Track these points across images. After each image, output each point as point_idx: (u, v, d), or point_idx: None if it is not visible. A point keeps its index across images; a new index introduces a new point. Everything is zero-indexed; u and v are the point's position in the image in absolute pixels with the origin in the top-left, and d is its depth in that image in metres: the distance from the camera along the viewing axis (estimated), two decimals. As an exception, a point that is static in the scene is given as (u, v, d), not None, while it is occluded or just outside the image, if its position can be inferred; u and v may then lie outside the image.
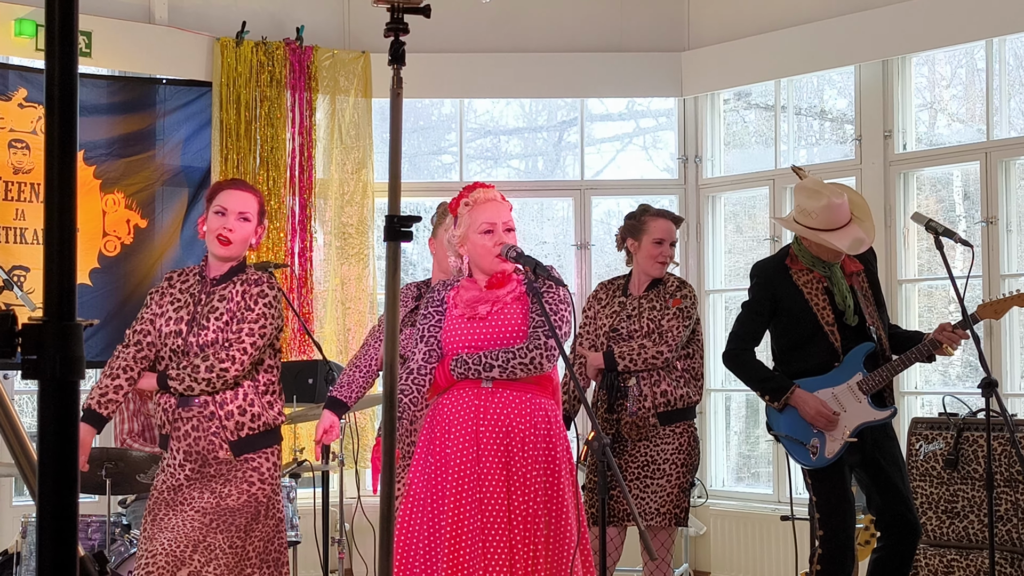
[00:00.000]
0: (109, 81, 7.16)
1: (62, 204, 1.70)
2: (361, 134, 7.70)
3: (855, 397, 4.91)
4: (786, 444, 5.03)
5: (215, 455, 4.11)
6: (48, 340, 1.66)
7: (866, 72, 7.13)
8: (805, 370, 4.96)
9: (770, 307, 5.01)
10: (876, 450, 4.96)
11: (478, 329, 4.05)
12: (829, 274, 4.98)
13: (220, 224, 4.19)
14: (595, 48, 7.91)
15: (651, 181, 8.23)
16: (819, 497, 4.93)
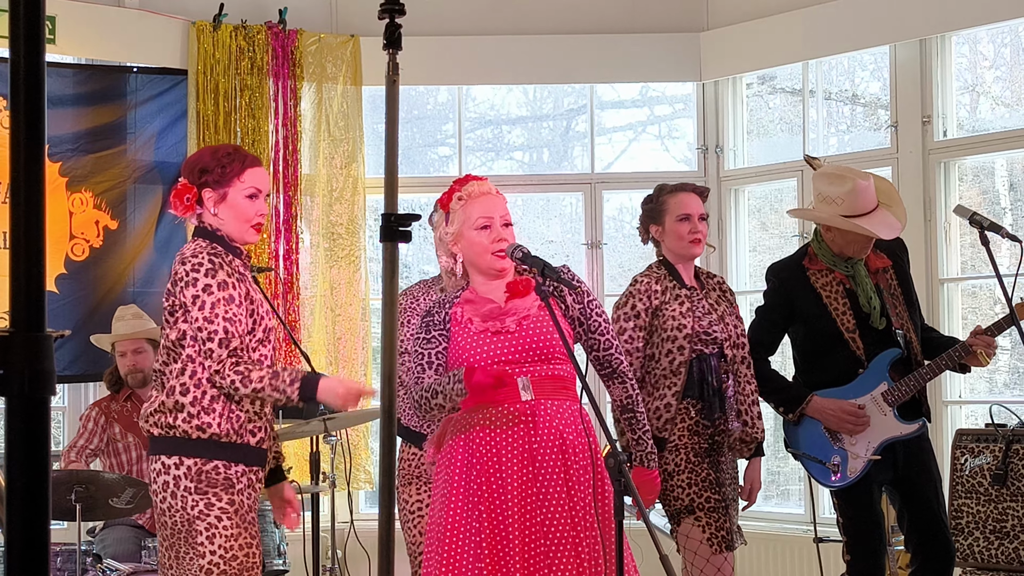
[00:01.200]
0: (75, 70, 7.16)
1: (29, 205, 1.70)
2: (351, 125, 7.70)
3: (879, 410, 4.90)
4: (805, 463, 5.02)
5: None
6: (15, 353, 1.66)
7: (902, 52, 7.13)
8: (827, 381, 4.95)
9: (785, 313, 5.00)
10: (909, 465, 4.96)
11: (510, 345, 3.96)
12: (852, 273, 4.95)
13: (256, 210, 4.03)
14: (605, 29, 7.91)
15: (668, 173, 8.22)
16: (845, 518, 4.94)
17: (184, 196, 4.03)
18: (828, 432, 4.94)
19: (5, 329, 1.69)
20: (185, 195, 4.03)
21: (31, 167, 1.70)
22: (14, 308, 1.68)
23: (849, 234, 4.89)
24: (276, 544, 5.70)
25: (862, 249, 4.94)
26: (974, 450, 5.88)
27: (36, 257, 1.69)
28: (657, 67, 7.97)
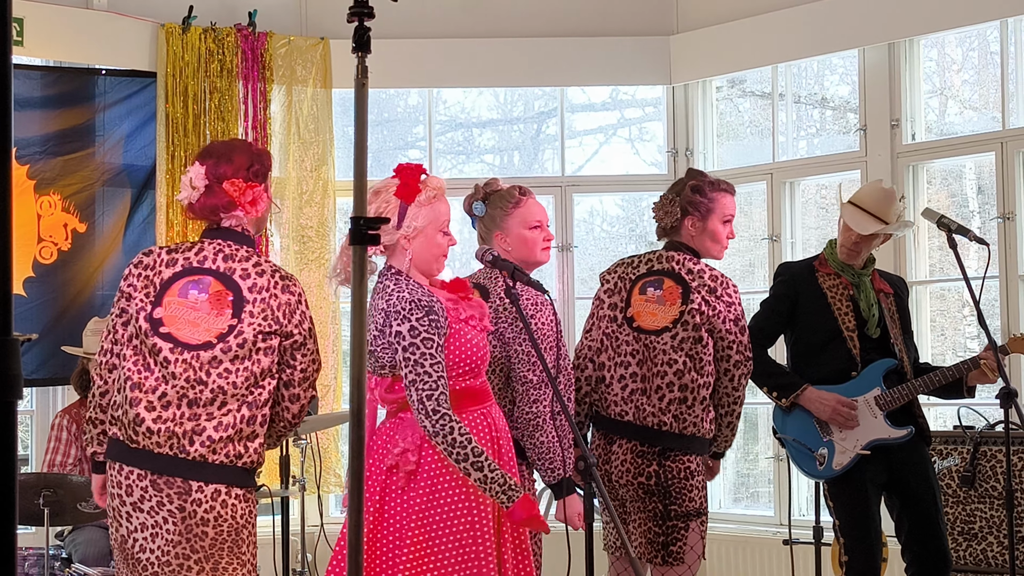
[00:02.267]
0: (43, 72, 7.12)
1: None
2: (320, 128, 7.69)
3: (870, 412, 5.01)
4: (792, 450, 5.09)
5: None
6: (-19, 358, 1.66)
7: (871, 56, 7.17)
8: (820, 378, 5.05)
9: (789, 306, 5.12)
10: (905, 471, 5.03)
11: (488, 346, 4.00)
12: (857, 282, 5.10)
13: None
14: (575, 32, 7.92)
15: (638, 176, 8.25)
16: (841, 520, 5.00)
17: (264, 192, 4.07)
18: (818, 424, 5.03)
19: None
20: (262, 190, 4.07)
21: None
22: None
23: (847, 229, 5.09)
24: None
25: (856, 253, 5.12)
26: (942, 452, 5.92)
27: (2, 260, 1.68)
28: (627, 70, 7.99)
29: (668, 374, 4.62)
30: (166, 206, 7.20)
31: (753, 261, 7.85)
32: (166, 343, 3.82)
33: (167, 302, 3.86)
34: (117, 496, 3.84)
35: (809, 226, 7.70)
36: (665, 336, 4.66)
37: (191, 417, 3.79)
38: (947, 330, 7.33)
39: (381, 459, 3.78)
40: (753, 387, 5.87)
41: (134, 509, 3.80)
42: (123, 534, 3.83)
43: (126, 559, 3.84)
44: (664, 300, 4.72)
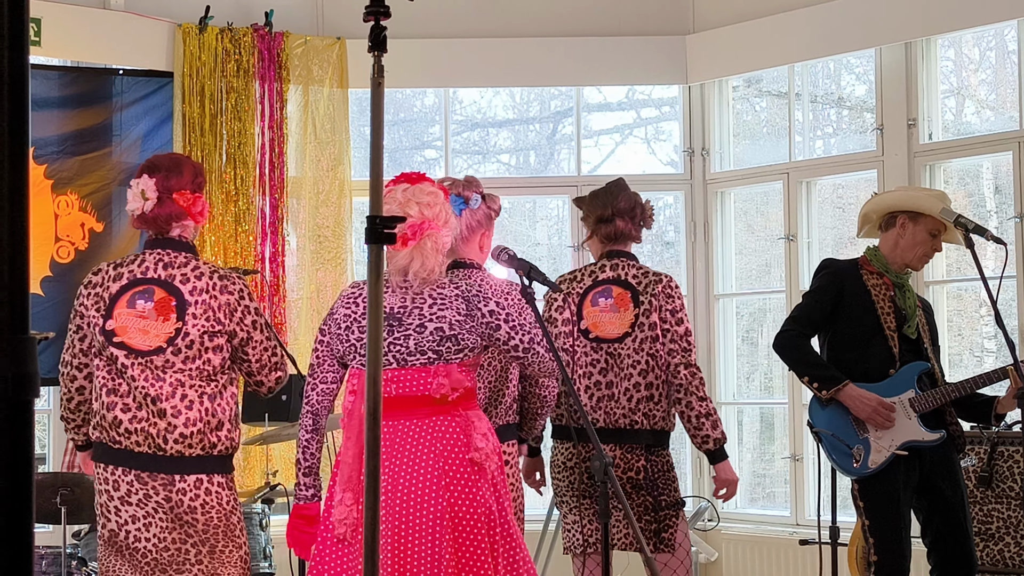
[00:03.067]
0: (61, 72, 7.14)
1: (13, 208, 1.70)
2: (337, 128, 7.69)
3: (905, 413, 4.99)
4: (828, 444, 5.06)
5: None
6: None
7: (887, 56, 7.15)
8: (859, 373, 5.04)
9: (834, 298, 5.11)
10: (936, 474, 5.02)
11: None
12: (900, 283, 5.12)
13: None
14: (592, 32, 7.92)
15: (654, 176, 8.24)
16: (871, 520, 4.97)
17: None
18: (854, 421, 5.00)
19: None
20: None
21: (15, 169, 1.70)
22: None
23: (920, 234, 5.09)
24: (262, 547, 5.69)
25: (923, 257, 5.16)
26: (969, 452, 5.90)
27: (20, 259, 1.69)
28: (643, 70, 7.98)
29: (634, 376, 4.83)
30: (183, 206, 7.21)
31: (769, 261, 7.83)
32: (120, 351, 4.10)
33: (117, 314, 4.12)
34: (105, 492, 4.09)
35: (825, 226, 7.68)
36: (627, 341, 4.85)
37: (159, 414, 4.05)
38: (964, 330, 7.31)
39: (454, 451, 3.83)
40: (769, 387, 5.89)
41: (122, 503, 4.05)
42: (113, 528, 4.07)
43: (119, 551, 4.07)
44: (617, 307, 4.91)
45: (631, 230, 5.04)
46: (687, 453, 7.83)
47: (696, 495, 7.56)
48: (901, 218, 5.13)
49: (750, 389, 7.98)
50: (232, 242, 7.28)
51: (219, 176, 7.27)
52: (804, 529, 7.11)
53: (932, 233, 5.11)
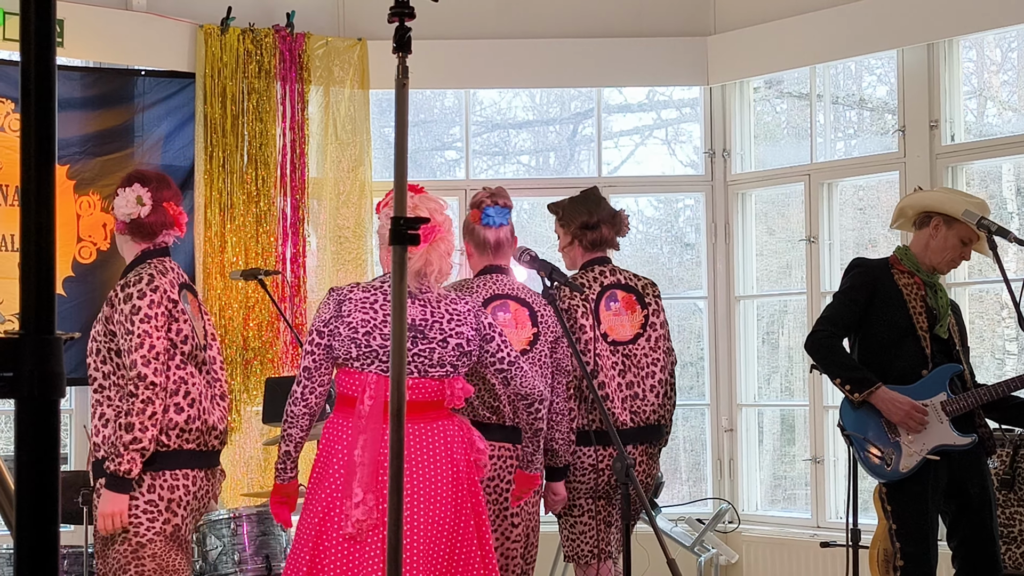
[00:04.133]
0: (83, 73, 7.17)
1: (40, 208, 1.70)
2: (358, 129, 7.70)
3: (937, 417, 4.95)
4: (859, 447, 5.04)
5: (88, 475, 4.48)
6: (25, 356, 1.66)
7: (909, 57, 7.13)
8: (891, 374, 5.01)
9: (867, 295, 5.08)
10: (965, 477, 4.99)
11: None
12: (931, 282, 5.09)
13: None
14: (612, 33, 7.91)
15: (675, 177, 8.24)
16: (898, 524, 4.94)
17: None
18: (886, 424, 4.97)
19: (15, 331, 1.69)
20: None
21: (42, 170, 1.71)
22: (24, 310, 1.68)
23: (951, 238, 5.09)
24: (283, 547, 5.70)
25: (951, 262, 5.16)
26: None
27: (46, 260, 1.69)
28: (664, 71, 7.97)
29: (656, 372, 5.05)
30: (204, 206, 7.23)
31: (790, 262, 7.82)
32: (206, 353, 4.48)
33: (183, 319, 4.37)
34: (182, 488, 4.33)
35: (846, 227, 7.66)
36: (640, 341, 5.05)
37: (223, 415, 4.50)
38: (985, 332, 7.28)
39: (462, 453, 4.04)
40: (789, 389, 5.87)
41: (193, 498, 4.37)
42: (176, 524, 4.33)
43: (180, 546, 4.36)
44: (625, 310, 5.08)
45: (613, 237, 5.21)
46: (707, 456, 7.82)
47: (716, 497, 7.55)
48: (936, 219, 5.11)
49: (770, 391, 7.97)
50: (253, 243, 7.29)
51: (240, 177, 7.29)
52: (825, 531, 7.09)
53: (964, 240, 5.08)
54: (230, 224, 7.23)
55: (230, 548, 5.27)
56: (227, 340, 7.15)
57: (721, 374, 7.79)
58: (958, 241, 5.08)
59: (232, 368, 7.16)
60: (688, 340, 8.25)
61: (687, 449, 8.26)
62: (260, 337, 7.20)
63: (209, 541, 5.29)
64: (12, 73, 6.84)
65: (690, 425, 8.22)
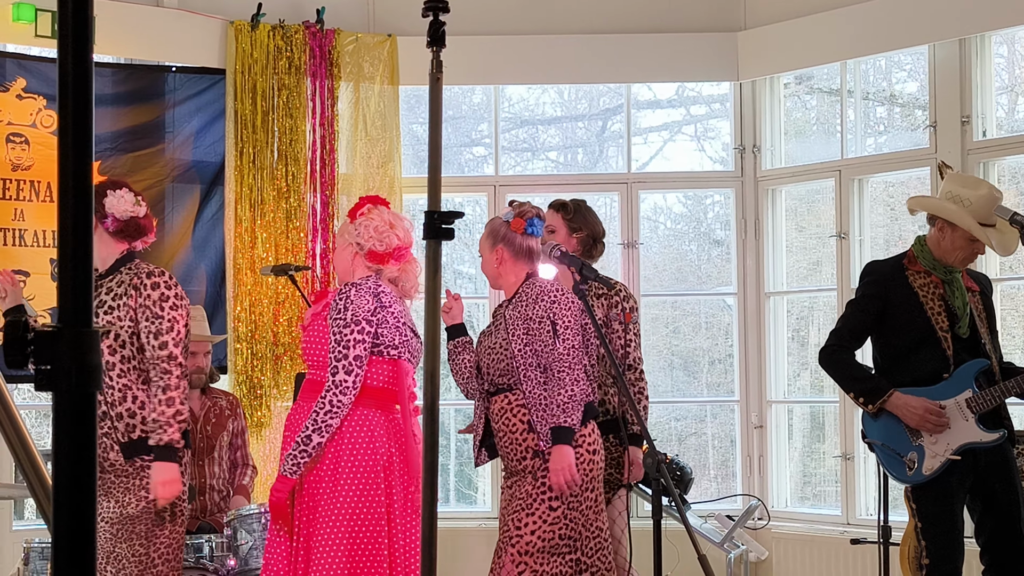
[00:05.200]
0: (114, 69, 7.20)
1: (78, 202, 1.72)
2: (387, 125, 7.72)
3: (962, 415, 4.90)
4: (880, 454, 5.02)
5: (104, 456, 4.45)
6: (63, 349, 1.68)
7: (941, 52, 7.10)
8: (912, 379, 4.96)
9: (880, 305, 5.04)
10: (991, 474, 4.95)
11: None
12: (949, 279, 5.01)
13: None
14: (642, 29, 7.90)
15: (705, 173, 8.23)
16: (924, 522, 4.92)
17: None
18: (908, 428, 4.95)
19: (53, 325, 1.71)
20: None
21: (79, 166, 1.72)
22: (62, 304, 1.70)
23: (960, 239, 4.98)
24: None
25: (965, 259, 5.05)
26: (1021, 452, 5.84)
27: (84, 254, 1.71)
28: (694, 66, 7.95)
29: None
30: (235, 202, 7.26)
31: (820, 259, 7.80)
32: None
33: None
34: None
35: (877, 224, 7.63)
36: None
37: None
38: (1016, 329, 7.25)
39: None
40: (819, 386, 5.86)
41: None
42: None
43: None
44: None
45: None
46: (737, 452, 7.81)
47: (746, 493, 7.54)
48: (939, 222, 5.06)
49: (801, 387, 7.95)
50: (283, 238, 7.32)
51: (271, 173, 7.31)
52: (855, 528, 7.07)
53: (971, 239, 5.02)
54: (260, 220, 7.26)
55: (260, 543, 5.29)
56: (257, 336, 7.19)
57: (751, 371, 7.77)
58: (965, 240, 5.00)
59: (262, 363, 7.19)
60: (716, 337, 8.24)
61: (716, 446, 8.25)
62: (290, 333, 7.22)
63: (240, 535, 5.31)
64: (43, 69, 6.88)
65: (719, 422, 8.21)
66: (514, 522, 4.67)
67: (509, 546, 4.66)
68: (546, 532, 4.64)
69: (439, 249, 1.95)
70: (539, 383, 4.69)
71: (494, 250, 4.96)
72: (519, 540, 4.64)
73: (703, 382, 8.35)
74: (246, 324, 7.19)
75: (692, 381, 8.39)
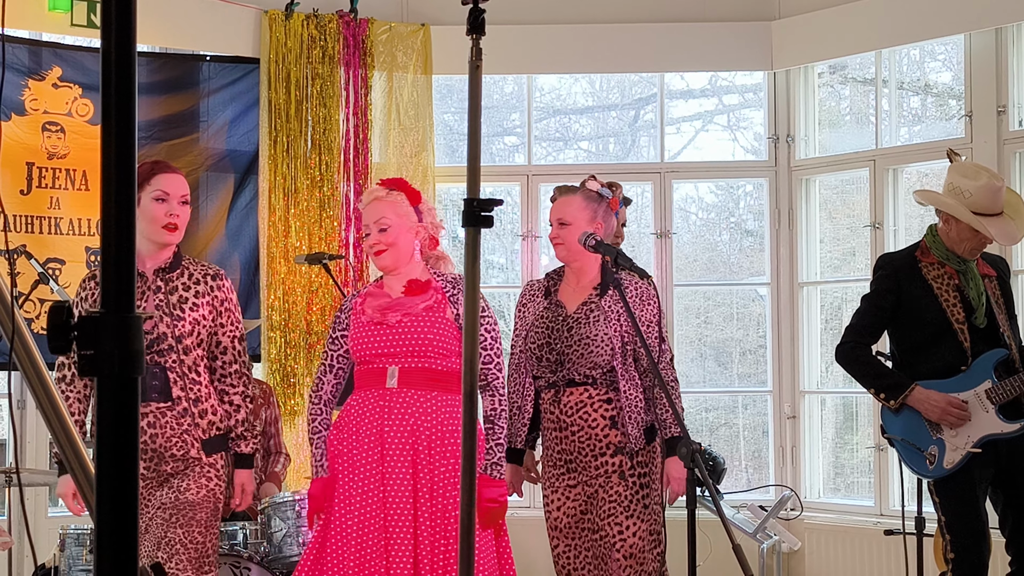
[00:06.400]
0: (149, 59, 7.23)
1: (120, 188, 1.73)
2: (421, 114, 7.72)
3: (982, 406, 4.87)
4: (900, 449, 5.00)
5: (185, 453, 4.38)
6: (106, 334, 1.69)
7: (976, 41, 7.05)
8: (929, 372, 4.93)
9: (894, 300, 5.01)
10: (1012, 465, 4.92)
11: (385, 337, 4.43)
12: (963, 269, 4.97)
13: (165, 211, 4.44)
14: (674, 18, 7.88)
15: (738, 163, 8.20)
16: (947, 516, 4.89)
17: None
18: (928, 422, 4.92)
19: (95, 310, 1.72)
20: None
21: (122, 152, 1.73)
22: (104, 290, 1.71)
23: (964, 231, 4.94)
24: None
25: (973, 250, 5.00)
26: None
27: (127, 239, 1.72)
28: (727, 56, 7.92)
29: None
30: (268, 191, 7.28)
31: (855, 248, 7.77)
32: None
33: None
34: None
35: (911, 214, 7.59)
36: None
37: None
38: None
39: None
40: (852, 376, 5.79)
41: None
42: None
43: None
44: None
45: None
46: (770, 443, 7.79)
47: (779, 484, 7.53)
48: (943, 214, 5.03)
49: (833, 377, 7.92)
50: (317, 228, 7.34)
51: (304, 162, 7.33)
52: (888, 519, 7.05)
53: (974, 229, 4.97)
54: (294, 209, 7.28)
55: (294, 530, 5.31)
56: (291, 324, 7.21)
57: (784, 361, 7.75)
58: (970, 232, 4.96)
59: (296, 352, 7.22)
60: (748, 327, 8.22)
61: (747, 436, 8.24)
62: (323, 321, 7.24)
63: (274, 523, 5.34)
64: (78, 58, 6.91)
65: (751, 412, 8.19)
66: (612, 526, 4.63)
67: (613, 551, 4.62)
68: (644, 531, 4.63)
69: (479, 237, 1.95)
70: (638, 384, 4.66)
71: (594, 222, 4.79)
72: (623, 544, 4.61)
73: (734, 372, 8.33)
74: (280, 313, 7.21)
75: (723, 372, 8.37)
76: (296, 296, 7.27)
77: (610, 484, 4.65)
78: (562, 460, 4.73)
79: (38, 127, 6.78)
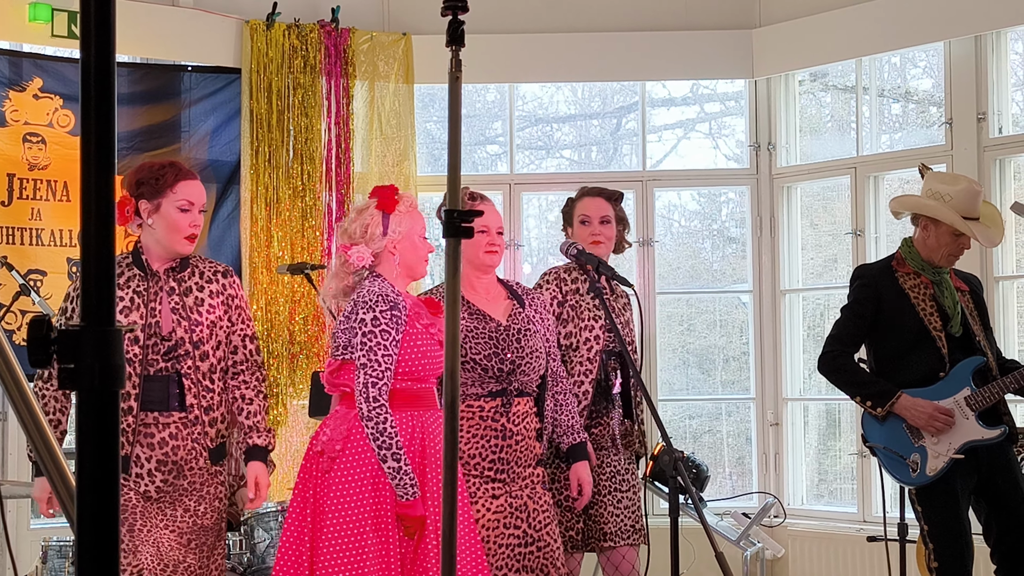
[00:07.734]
0: (130, 69, 7.22)
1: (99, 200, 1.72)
2: (403, 123, 7.72)
3: (962, 413, 4.89)
4: (883, 457, 5.00)
5: (195, 464, 4.30)
6: (86, 347, 1.68)
7: (956, 49, 7.08)
8: (908, 381, 4.95)
9: (873, 308, 5.03)
10: (994, 472, 4.93)
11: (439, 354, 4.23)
12: (938, 280, 5.00)
13: (188, 221, 4.37)
14: (656, 26, 7.89)
15: (720, 171, 8.22)
16: (930, 525, 4.90)
17: (124, 208, 4.33)
18: (909, 430, 4.93)
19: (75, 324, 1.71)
20: (125, 207, 4.33)
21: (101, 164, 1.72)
22: (84, 302, 1.70)
23: (944, 235, 4.98)
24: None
25: (950, 256, 5.04)
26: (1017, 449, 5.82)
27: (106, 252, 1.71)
28: (709, 64, 7.94)
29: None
30: (250, 201, 7.27)
31: (837, 255, 7.79)
32: None
33: None
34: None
35: (893, 221, 7.60)
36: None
37: None
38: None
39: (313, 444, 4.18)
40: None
41: None
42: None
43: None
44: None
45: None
46: (753, 450, 7.80)
47: (762, 491, 7.53)
48: (923, 220, 5.05)
49: (816, 384, 7.94)
50: (299, 237, 7.33)
51: (286, 172, 7.32)
52: (871, 526, 7.06)
53: (955, 233, 5.00)
54: (276, 219, 7.27)
55: (277, 540, 5.30)
56: (273, 334, 7.20)
57: (766, 368, 7.77)
58: (950, 236, 5.00)
59: (278, 362, 7.20)
60: (731, 334, 8.23)
61: (731, 444, 8.24)
62: (306, 331, 7.24)
63: (257, 534, 5.32)
64: (60, 69, 6.89)
65: (735, 419, 8.20)
66: (548, 535, 4.57)
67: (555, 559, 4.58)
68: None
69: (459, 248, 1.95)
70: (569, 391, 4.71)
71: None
72: (559, 551, 4.59)
73: (717, 380, 8.34)
74: (262, 323, 7.20)
75: (706, 379, 8.38)
76: (279, 306, 7.25)
77: (536, 494, 4.60)
78: (492, 469, 4.55)
79: (19, 138, 6.76)
